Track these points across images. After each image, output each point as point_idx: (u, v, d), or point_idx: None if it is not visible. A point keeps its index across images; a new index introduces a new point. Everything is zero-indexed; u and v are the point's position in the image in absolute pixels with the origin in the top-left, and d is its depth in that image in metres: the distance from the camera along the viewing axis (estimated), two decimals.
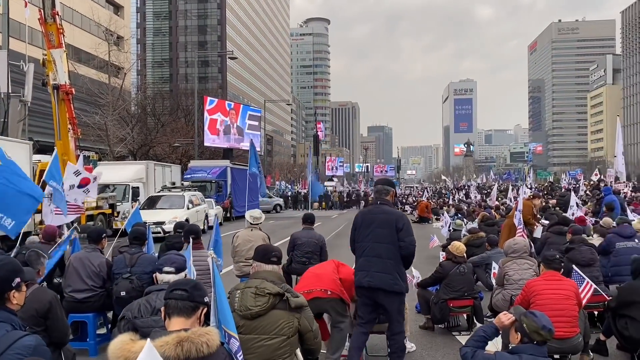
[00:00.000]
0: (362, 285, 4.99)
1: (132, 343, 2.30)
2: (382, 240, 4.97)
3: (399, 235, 4.93)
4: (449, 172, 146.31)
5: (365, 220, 5.16)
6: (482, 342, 3.43)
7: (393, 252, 4.93)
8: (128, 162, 28.69)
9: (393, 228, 4.96)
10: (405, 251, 4.95)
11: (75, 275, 5.98)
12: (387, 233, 4.96)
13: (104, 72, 35.51)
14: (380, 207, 5.18)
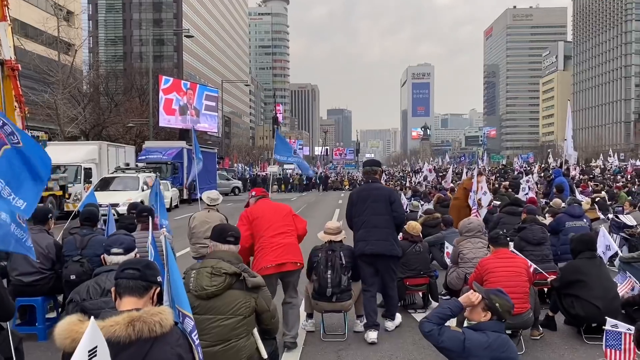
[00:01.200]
0: (365, 253, 5.67)
1: (80, 324, 2.21)
2: (378, 212, 5.69)
3: (392, 207, 5.74)
4: (407, 155, 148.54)
5: (361, 197, 5.87)
6: (446, 319, 3.49)
7: (388, 222, 5.71)
8: (80, 143, 27.73)
9: (387, 201, 5.74)
10: (398, 220, 5.83)
11: (21, 258, 5.73)
12: (382, 206, 5.72)
13: (53, 49, 33.97)
14: (373, 185, 5.96)
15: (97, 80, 43.23)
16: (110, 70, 51.08)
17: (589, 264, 5.61)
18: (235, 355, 3.38)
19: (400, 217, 5.87)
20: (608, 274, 5.79)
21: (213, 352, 3.30)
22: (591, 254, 5.73)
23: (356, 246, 5.75)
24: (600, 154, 47.05)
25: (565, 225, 7.70)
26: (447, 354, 3.40)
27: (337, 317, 6.09)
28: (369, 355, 5.30)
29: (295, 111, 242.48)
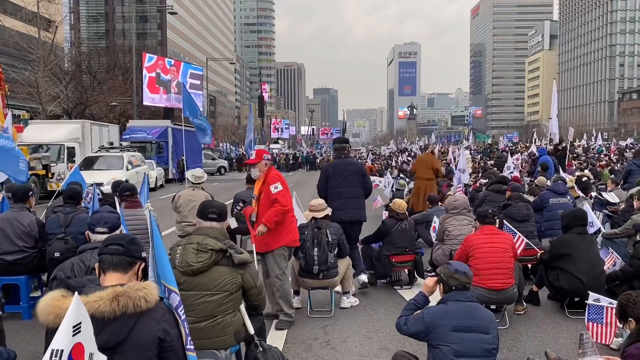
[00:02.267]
0: (344, 220, 6.44)
1: (63, 299, 2.18)
2: (353, 184, 6.64)
3: (364, 179, 6.86)
4: (393, 135, 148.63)
5: (337, 171, 6.78)
6: (413, 310, 3.52)
7: (361, 193, 6.79)
8: (62, 122, 27.26)
9: (360, 175, 6.82)
10: (368, 191, 6.99)
11: (3, 237, 5.65)
12: (356, 179, 6.73)
13: (33, 25, 33.15)
14: (346, 160, 6.97)
15: (79, 57, 42.37)
16: (93, 47, 50.06)
17: (579, 238, 5.68)
18: (222, 331, 3.38)
19: (370, 188, 7.08)
20: (597, 251, 5.87)
21: (200, 328, 3.30)
22: (582, 229, 5.81)
23: (334, 215, 6.27)
24: (584, 134, 47.48)
25: (549, 202, 7.77)
26: (419, 338, 3.39)
27: (324, 293, 6.13)
28: (356, 331, 5.34)
29: (281, 90, 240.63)
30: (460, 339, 3.20)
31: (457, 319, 3.25)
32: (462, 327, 3.23)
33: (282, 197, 5.25)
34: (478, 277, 5.16)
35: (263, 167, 5.35)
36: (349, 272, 6.12)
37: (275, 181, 5.28)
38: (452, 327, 3.22)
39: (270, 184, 5.25)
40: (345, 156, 6.99)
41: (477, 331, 3.24)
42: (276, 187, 5.23)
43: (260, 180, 5.40)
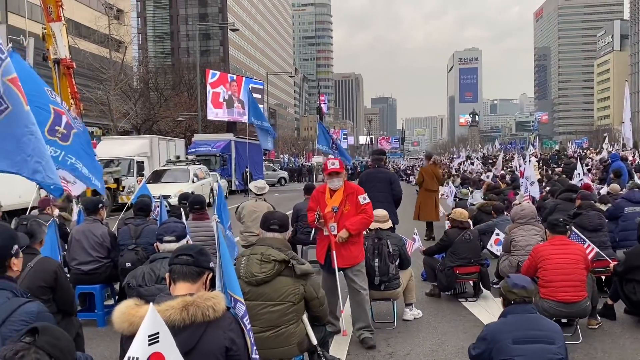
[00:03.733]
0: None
1: (136, 308, 2.28)
2: (381, 190, 7.45)
3: (392, 186, 7.83)
4: (454, 142, 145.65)
5: (369, 179, 7.85)
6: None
7: (388, 198, 7.60)
8: (132, 137, 28.61)
9: (388, 182, 7.83)
10: (396, 197, 7.86)
11: (78, 248, 5.98)
12: (384, 186, 7.67)
13: (105, 47, 35.12)
14: (378, 169, 8.14)
15: (146, 76, 44.41)
16: (159, 65, 52.36)
17: None
18: (286, 341, 3.41)
19: (398, 195, 7.89)
20: None
21: (264, 338, 3.35)
22: None
23: None
24: None
25: (624, 211, 7.35)
26: (486, 357, 3.29)
27: (386, 305, 6.07)
28: (419, 343, 5.25)
29: (339, 101, 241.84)
30: (524, 351, 3.10)
31: (517, 331, 3.15)
32: (524, 339, 3.13)
33: (370, 209, 5.24)
34: (548, 289, 4.96)
35: (344, 177, 5.34)
36: (411, 283, 6.03)
37: (363, 192, 5.29)
38: (513, 340, 3.13)
39: (359, 194, 5.22)
40: (380, 166, 8.21)
41: (541, 342, 3.12)
42: (365, 198, 5.22)
43: (341, 190, 5.24)
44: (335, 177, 5.21)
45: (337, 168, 5.23)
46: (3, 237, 2.65)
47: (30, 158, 4.17)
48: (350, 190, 5.25)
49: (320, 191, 5.38)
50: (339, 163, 5.33)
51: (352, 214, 5.14)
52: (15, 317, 2.42)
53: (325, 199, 5.22)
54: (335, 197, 5.20)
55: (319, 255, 5.28)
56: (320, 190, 5.40)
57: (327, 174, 5.23)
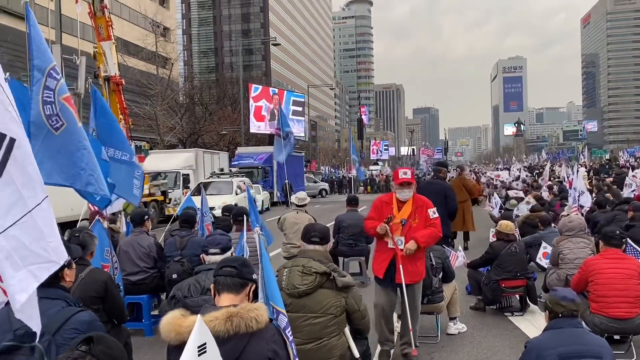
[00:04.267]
0: None
1: (183, 318, 2.34)
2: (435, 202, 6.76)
3: (447, 200, 7.88)
4: (499, 152, 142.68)
5: (425, 190, 7.63)
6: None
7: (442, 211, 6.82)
8: (178, 150, 29.36)
9: (443, 194, 7.85)
10: (450, 210, 8.00)
11: (126, 259, 6.17)
12: (438, 198, 7.35)
13: (152, 64, 36.32)
14: (434, 181, 8.37)
15: (192, 91, 45.60)
16: (204, 81, 53.68)
17: None
18: (328, 353, 3.42)
19: (452, 207, 8.00)
20: None
21: (306, 350, 3.36)
22: None
23: None
24: None
25: None
26: None
27: (429, 319, 5.98)
28: (464, 358, 5.15)
29: (380, 112, 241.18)
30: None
31: (563, 346, 3.04)
32: (570, 354, 3.01)
33: (439, 223, 4.99)
34: (599, 304, 4.79)
35: (414, 188, 5.03)
36: (455, 297, 5.93)
37: (433, 206, 5.02)
38: (559, 355, 3.01)
39: (428, 207, 4.94)
40: (438, 177, 8.33)
41: (588, 357, 3.01)
42: (434, 212, 4.95)
43: (410, 202, 4.93)
44: (406, 188, 4.89)
45: (409, 178, 4.89)
46: None
47: (83, 172, 4.37)
48: (420, 203, 4.95)
49: (384, 201, 5.03)
50: (411, 173, 5.00)
51: (421, 227, 4.88)
52: (69, 326, 2.53)
53: (393, 210, 4.88)
54: (404, 209, 4.89)
55: (378, 268, 4.93)
56: (385, 200, 5.05)
57: (398, 183, 4.89)
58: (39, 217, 2.09)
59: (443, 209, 7.33)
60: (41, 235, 2.10)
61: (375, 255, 5.05)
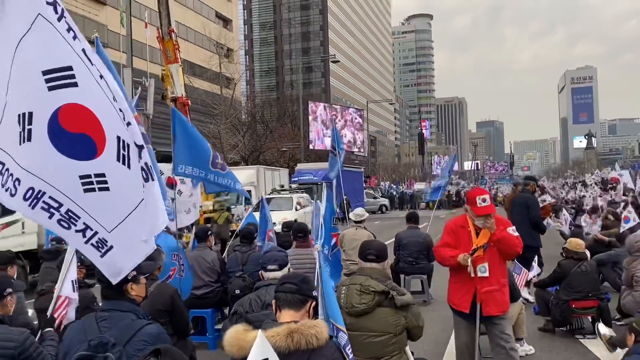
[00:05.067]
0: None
1: (245, 333, 2.40)
2: (518, 214, 7.82)
3: (529, 210, 7.87)
4: (569, 166, 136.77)
5: (512, 203, 8.31)
6: None
7: (525, 221, 7.65)
8: (240, 168, 30.10)
9: (525, 205, 7.94)
10: (532, 220, 7.84)
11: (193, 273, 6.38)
12: (521, 210, 7.90)
13: (216, 84, 37.63)
14: (522, 194, 8.41)
15: (254, 109, 46.79)
16: (265, 99, 54.97)
17: None
18: None
19: (533, 219, 7.84)
20: None
21: None
22: None
23: None
24: None
25: None
26: None
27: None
28: None
29: (441, 126, 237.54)
30: None
31: None
32: None
33: (521, 242, 4.41)
34: None
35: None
36: (521, 317, 5.72)
37: (511, 224, 4.49)
38: None
39: (507, 226, 4.39)
40: (525, 191, 8.38)
41: None
42: (514, 230, 4.40)
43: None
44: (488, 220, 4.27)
45: (489, 207, 4.27)
46: None
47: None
48: (500, 225, 4.38)
49: (459, 225, 4.48)
50: (490, 198, 4.36)
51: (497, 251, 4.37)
52: (138, 338, 2.65)
53: (470, 236, 4.34)
54: (483, 232, 4.29)
55: (460, 302, 4.40)
56: (460, 224, 4.49)
57: (479, 215, 4.27)
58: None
59: (525, 220, 7.65)
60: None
61: (453, 287, 4.52)
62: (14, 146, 2.76)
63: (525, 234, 6.99)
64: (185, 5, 47.82)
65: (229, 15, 58.48)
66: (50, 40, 2.72)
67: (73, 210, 2.85)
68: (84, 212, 2.87)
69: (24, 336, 3.24)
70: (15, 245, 9.72)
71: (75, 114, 2.77)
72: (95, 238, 2.90)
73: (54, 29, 2.72)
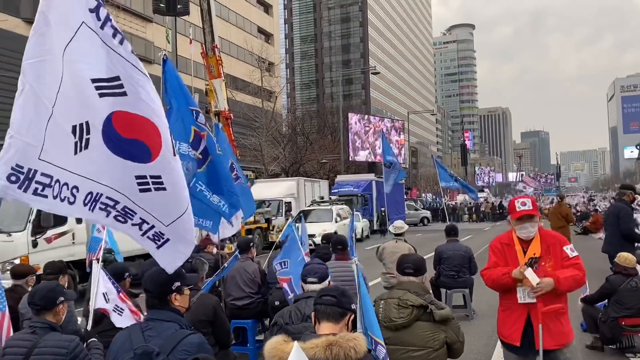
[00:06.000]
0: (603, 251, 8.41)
1: (285, 344, 2.44)
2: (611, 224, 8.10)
3: (619, 220, 7.96)
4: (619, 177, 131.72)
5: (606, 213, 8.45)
6: None
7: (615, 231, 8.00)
8: (281, 179, 30.42)
9: (616, 215, 8.06)
10: (623, 231, 7.88)
11: (233, 285, 6.48)
12: (613, 220, 8.07)
13: (258, 97, 38.26)
14: (615, 204, 8.57)
15: (294, 122, 47.26)
16: (306, 112, 55.41)
17: None
18: None
19: (624, 230, 7.88)
20: None
21: None
22: None
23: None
24: None
25: None
26: None
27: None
28: None
29: (485, 137, 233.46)
30: None
31: None
32: None
33: (581, 264, 3.77)
34: None
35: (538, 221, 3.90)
36: None
37: (568, 242, 3.89)
38: None
39: (563, 244, 3.80)
40: (622, 201, 8.31)
41: None
42: (572, 249, 3.80)
43: (537, 240, 3.81)
44: (527, 222, 3.77)
45: (530, 210, 3.77)
46: (166, 274, 3.01)
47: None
48: (551, 240, 3.82)
49: (504, 242, 3.92)
50: (532, 203, 3.85)
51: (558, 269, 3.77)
52: (181, 347, 2.73)
53: (517, 254, 3.81)
54: (531, 249, 3.76)
55: (510, 333, 3.80)
56: (504, 241, 3.93)
57: (516, 218, 3.81)
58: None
59: (615, 230, 7.90)
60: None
61: (502, 316, 3.93)
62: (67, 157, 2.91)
63: (616, 245, 7.51)
64: (229, 21, 48.93)
65: (271, 30, 59.45)
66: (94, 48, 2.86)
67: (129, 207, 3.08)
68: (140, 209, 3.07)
69: (75, 343, 3.40)
70: (66, 255, 10.14)
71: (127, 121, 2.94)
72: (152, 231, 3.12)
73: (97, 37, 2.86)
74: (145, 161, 2.96)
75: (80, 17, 2.82)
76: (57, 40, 2.79)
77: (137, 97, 2.93)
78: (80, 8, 2.81)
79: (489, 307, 8.49)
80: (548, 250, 3.77)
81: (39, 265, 8.20)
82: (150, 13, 31.26)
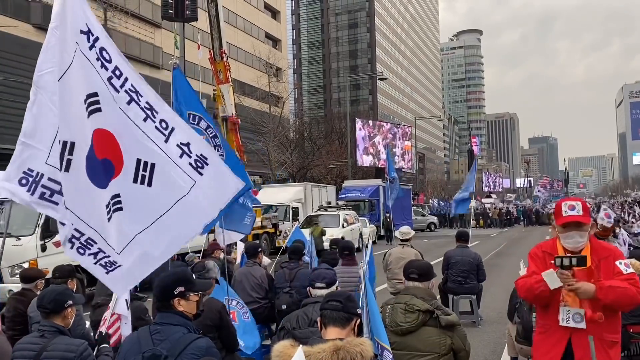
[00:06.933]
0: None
1: (291, 348, 2.45)
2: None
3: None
4: (628, 183, 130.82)
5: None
6: None
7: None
8: (288, 185, 30.47)
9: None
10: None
11: (240, 289, 6.49)
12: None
13: (265, 102, 38.39)
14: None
15: (301, 127, 47.39)
16: (313, 117, 55.58)
17: None
18: None
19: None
20: None
21: None
22: None
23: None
24: None
25: None
26: None
27: None
28: None
29: (492, 142, 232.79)
30: None
31: None
32: None
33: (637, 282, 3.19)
34: None
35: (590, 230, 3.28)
36: None
37: (622, 256, 3.37)
38: None
39: (617, 258, 3.26)
40: None
41: None
42: (627, 265, 3.25)
43: (587, 252, 3.22)
44: (575, 230, 3.18)
45: (579, 216, 3.16)
46: (168, 279, 3.03)
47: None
48: (603, 253, 3.24)
49: (547, 252, 3.35)
50: (583, 207, 3.21)
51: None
52: (189, 351, 2.76)
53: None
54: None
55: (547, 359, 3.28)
56: (547, 250, 3.36)
57: (561, 224, 3.21)
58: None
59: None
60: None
61: (538, 339, 3.38)
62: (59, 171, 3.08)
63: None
64: (236, 26, 49.21)
65: (278, 36, 59.70)
66: (85, 69, 2.99)
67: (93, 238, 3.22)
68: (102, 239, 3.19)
69: (83, 347, 3.42)
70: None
71: (102, 139, 3.04)
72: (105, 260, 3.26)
73: (85, 58, 2.99)
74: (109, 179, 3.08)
75: (75, 38, 2.95)
76: (60, 58, 2.93)
77: (110, 114, 3.02)
78: (74, 32, 2.94)
79: (497, 314, 8.46)
80: (599, 265, 3.19)
81: (47, 269, 8.28)
82: (159, 19, 31.48)
